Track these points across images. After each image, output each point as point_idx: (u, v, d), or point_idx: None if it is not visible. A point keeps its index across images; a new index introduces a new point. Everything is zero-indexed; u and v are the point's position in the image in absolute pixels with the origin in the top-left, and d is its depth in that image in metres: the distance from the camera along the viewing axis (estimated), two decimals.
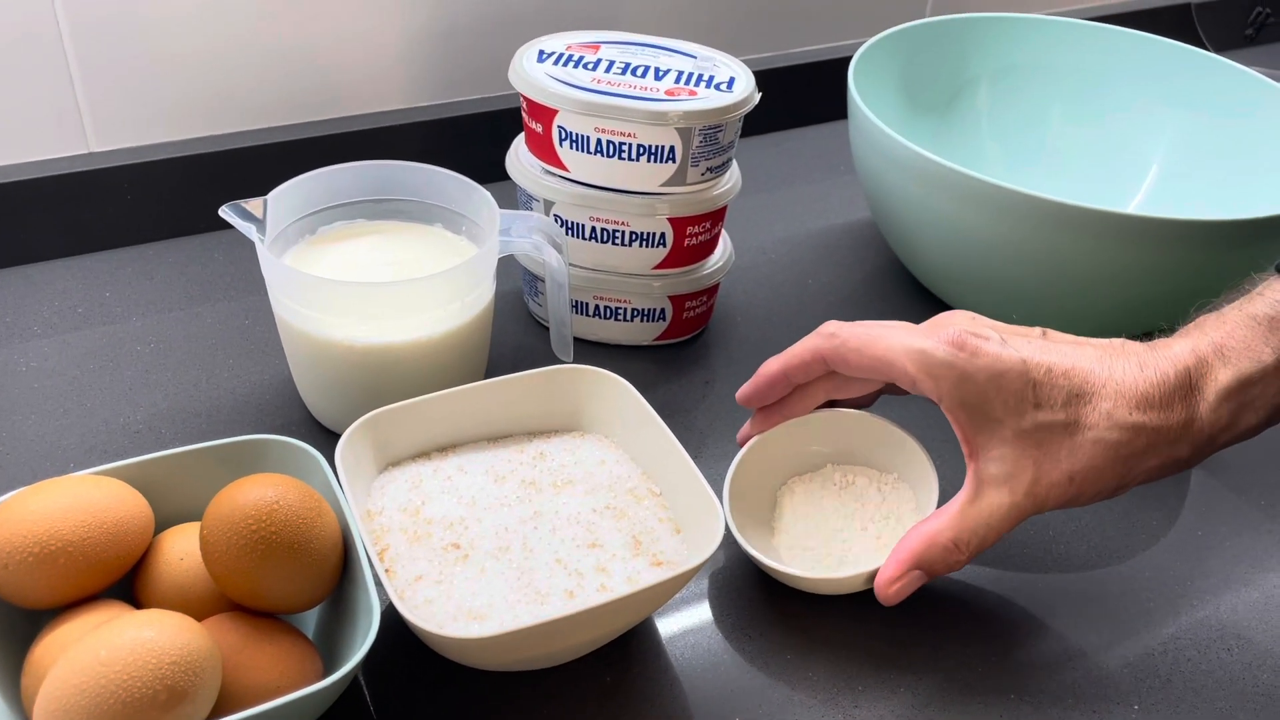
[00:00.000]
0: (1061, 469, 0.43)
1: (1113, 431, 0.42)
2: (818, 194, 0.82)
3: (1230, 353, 0.43)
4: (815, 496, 0.52)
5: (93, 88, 0.66)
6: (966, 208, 0.60)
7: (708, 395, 0.62)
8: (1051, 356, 0.43)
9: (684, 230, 0.59)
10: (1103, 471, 0.42)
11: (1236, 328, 0.43)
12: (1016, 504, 0.43)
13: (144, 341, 0.62)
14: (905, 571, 0.45)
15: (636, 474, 0.50)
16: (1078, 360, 0.43)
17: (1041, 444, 0.43)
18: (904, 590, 0.45)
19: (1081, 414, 0.42)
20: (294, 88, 0.72)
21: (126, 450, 0.54)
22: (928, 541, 0.45)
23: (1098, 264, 0.59)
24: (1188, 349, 0.43)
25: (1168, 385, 0.42)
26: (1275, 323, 0.42)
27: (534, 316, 0.66)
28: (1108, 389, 0.42)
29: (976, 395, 0.43)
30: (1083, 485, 0.43)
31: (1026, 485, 0.43)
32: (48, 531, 0.40)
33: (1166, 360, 0.43)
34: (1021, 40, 0.78)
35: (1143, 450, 0.42)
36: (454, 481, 0.48)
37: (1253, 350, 0.42)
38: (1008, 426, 0.43)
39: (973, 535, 0.44)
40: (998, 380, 0.43)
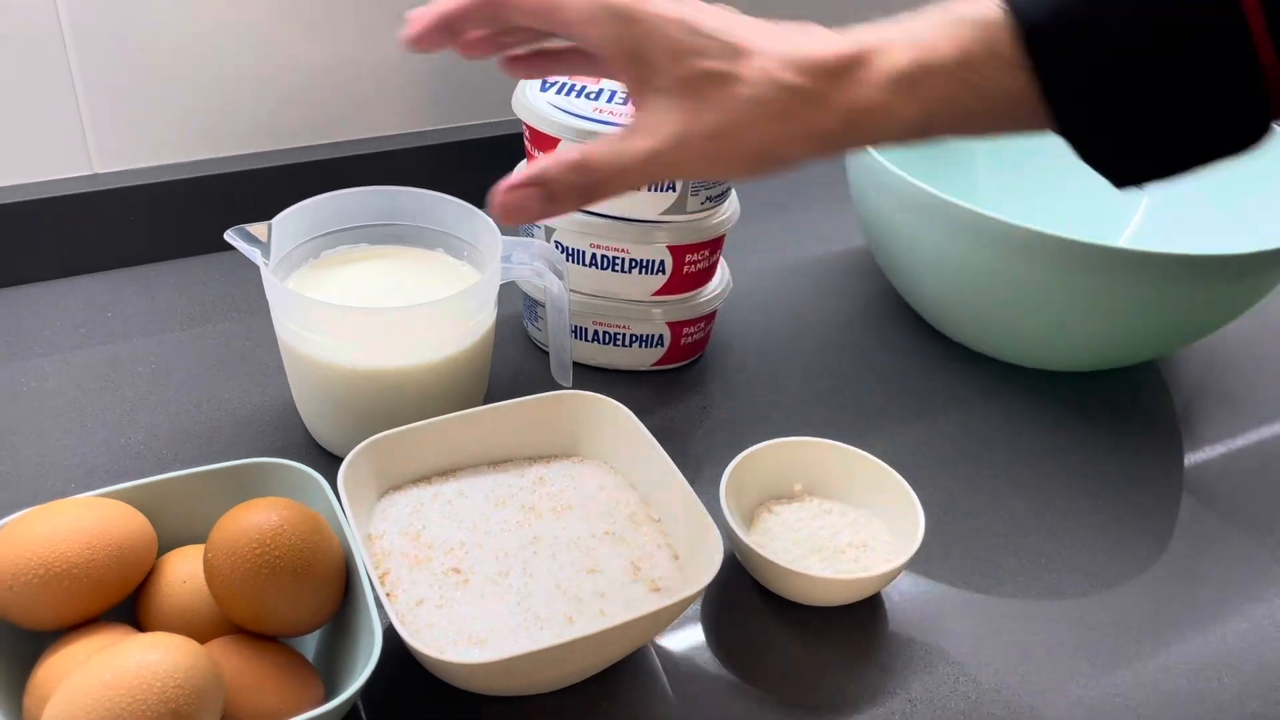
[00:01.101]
0: (708, 121, 0.41)
1: (765, 88, 0.41)
2: (814, 221, 0.83)
3: (914, 42, 0.41)
4: (793, 519, 0.53)
5: (97, 109, 0.67)
6: (960, 239, 0.61)
7: (704, 421, 0.62)
8: (724, 19, 0.42)
9: (683, 258, 0.60)
10: (749, 129, 0.41)
11: (932, 21, 0.41)
12: (657, 150, 0.41)
13: (145, 362, 0.62)
14: (526, 181, 0.41)
15: (635, 500, 0.50)
16: (751, 25, 0.42)
17: (697, 93, 0.41)
18: (515, 199, 0.41)
19: (739, 68, 0.41)
20: (297, 111, 0.73)
21: (127, 471, 0.55)
22: (555, 153, 0.42)
23: (1089, 295, 0.60)
24: (873, 32, 0.42)
25: (837, 57, 0.41)
26: (970, 24, 0.41)
27: (534, 341, 0.66)
28: (774, 50, 0.41)
29: (638, 40, 0.41)
30: (728, 143, 0.41)
31: (672, 133, 0.41)
32: (53, 553, 0.40)
33: (846, 38, 0.42)
34: None
35: (789, 113, 0.41)
36: (454, 506, 0.49)
37: (937, 44, 0.41)
38: (669, 74, 0.41)
39: (603, 162, 0.41)
40: (661, 25, 0.41)
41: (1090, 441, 0.63)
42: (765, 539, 0.52)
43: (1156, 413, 0.67)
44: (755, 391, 0.65)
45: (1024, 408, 0.65)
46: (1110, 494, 0.59)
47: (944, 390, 0.66)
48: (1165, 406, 0.67)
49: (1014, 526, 0.56)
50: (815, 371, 0.67)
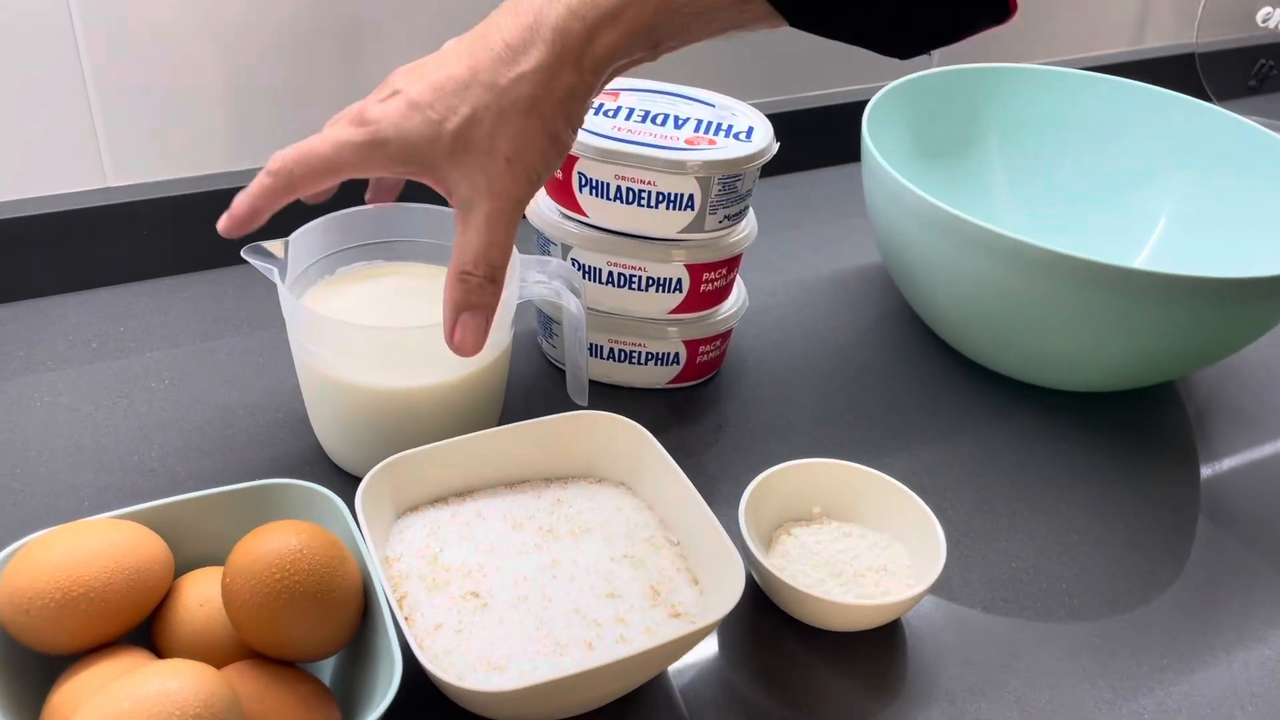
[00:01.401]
0: (496, 158, 0.43)
1: (500, 97, 0.42)
2: (829, 236, 0.83)
3: None
4: (812, 542, 0.53)
5: (112, 122, 0.66)
6: (976, 256, 0.61)
7: (720, 439, 0.62)
8: (429, 78, 0.44)
9: (700, 276, 0.60)
10: (522, 133, 0.43)
11: None
12: (493, 209, 0.44)
13: (158, 377, 0.62)
14: (452, 317, 0.45)
15: (654, 522, 0.50)
16: (448, 62, 0.44)
17: (469, 149, 0.43)
18: (466, 333, 0.45)
19: (473, 103, 0.43)
20: (313, 123, 0.72)
21: (141, 489, 0.54)
22: (448, 284, 0.45)
23: (1104, 316, 0.59)
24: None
25: (527, 30, 0.42)
26: None
27: (548, 357, 0.66)
28: (480, 67, 0.43)
29: (402, 152, 0.44)
30: (521, 155, 0.43)
31: (484, 188, 0.43)
32: (70, 577, 0.40)
33: (535, 4, 0.43)
34: (1032, 92, 0.79)
35: (535, 94, 0.42)
36: (472, 528, 0.48)
37: None
38: (438, 155, 0.44)
39: (475, 255, 0.44)
40: (401, 128, 0.44)
41: (1107, 462, 0.63)
42: (784, 562, 0.51)
43: (1172, 432, 0.66)
44: (771, 409, 0.64)
45: (1041, 427, 0.65)
46: (1129, 515, 0.59)
47: (961, 409, 0.66)
48: (1181, 425, 0.67)
49: (1034, 550, 0.56)
50: (831, 390, 0.66)
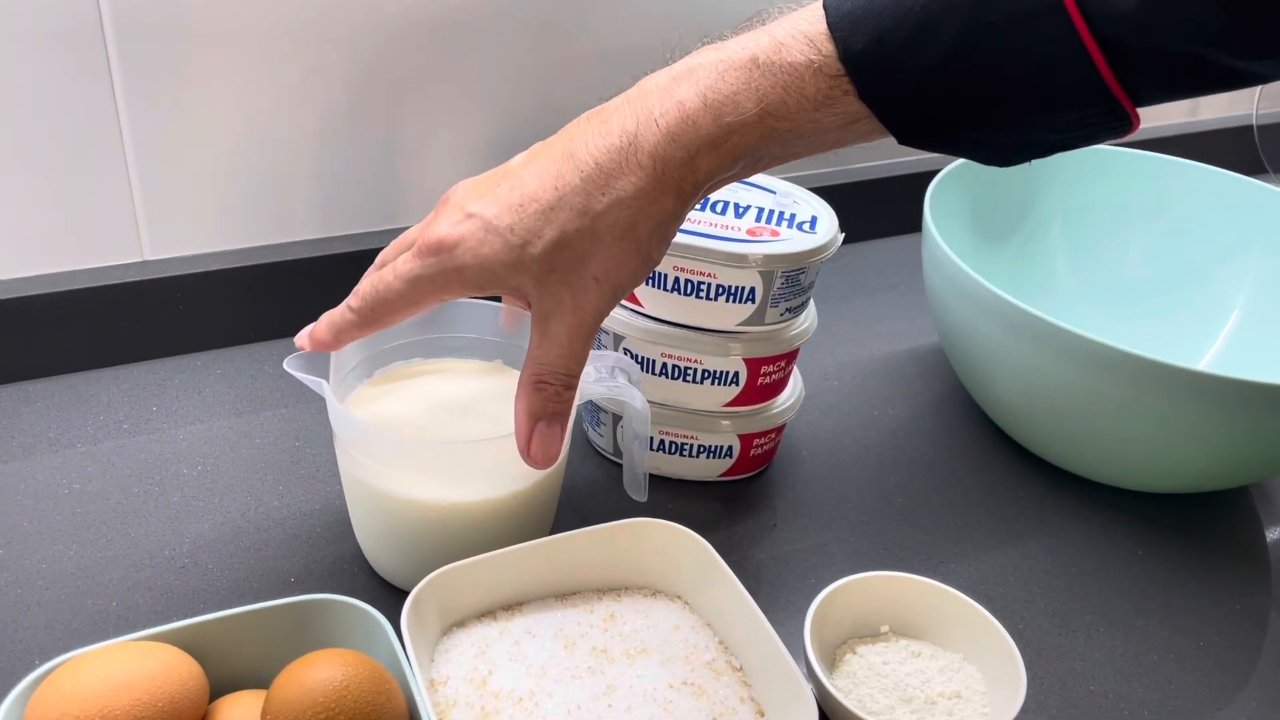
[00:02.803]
0: (584, 278, 0.42)
1: (594, 222, 0.41)
2: (881, 313, 0.80)
3: (707, 102, 0.40)
4: (879, 663, 0.49)
5: (151, 196, 0.65)
6: (1039, 350, 0.58)
7: (773, 536, 0.59)
8: (504, 199, 0.43)
9: (758, 369, 0.57)
10: (615, 256, 0.42)
11: (727, 71, 0.41)
12: (574, 323, 0.43)
13: (190, 463, 0.59)
14: (528, 426, 0.44)
15: (714, 644, 0.47)
16: (525, 180, 0.43)
17: (554, 270, 0.42)
18: (543, 443, 0.45)
19: (561, 226, 0.41)
20: (350, 199, 0.71)
21: (171, 588, 0.52)
22: (523, 392, 0.45)
23: (1171, 418, 0.57)
24: (658, 99, 0.41)
25: (620, 152, 0.41)
26: (768, 68, 0.40)
27: (594, 446, 0.63)
28: (567, 188, 0.41)
29: (480, 278, 0.43)
30: (612, 276, 0.42)
31: (569, 304, 0.43)
32: (100, 709, 0.37)
33: (629, 127, 0.41)
34: (1095, 173, 0.76)
35: (633, 219, 0.41)
36: (522, 647, 0.46)
37: (737, 99, 0.40)
38: (521, 278, 0.42)
39: (553, 366, 0.44)
40: (479, 254, 0.42)
41: (1185, 569, 0.59)
42: (850, 684, 0.48)
43: (1250, 537, 0.63)
44: (826, 506, 0.61)
45: (1111, 530, 0.62)
46: (1211, 633, 0.56)
47: (1026, 508, 0.63)
48: (1255, 529, 0.64)
49: (1113, 671, 0.53)
50: (889, 485, 0.63)
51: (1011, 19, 0.37)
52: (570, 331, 0.43)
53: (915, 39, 0.38)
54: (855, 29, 0.38)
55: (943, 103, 0.39)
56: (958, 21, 0.37)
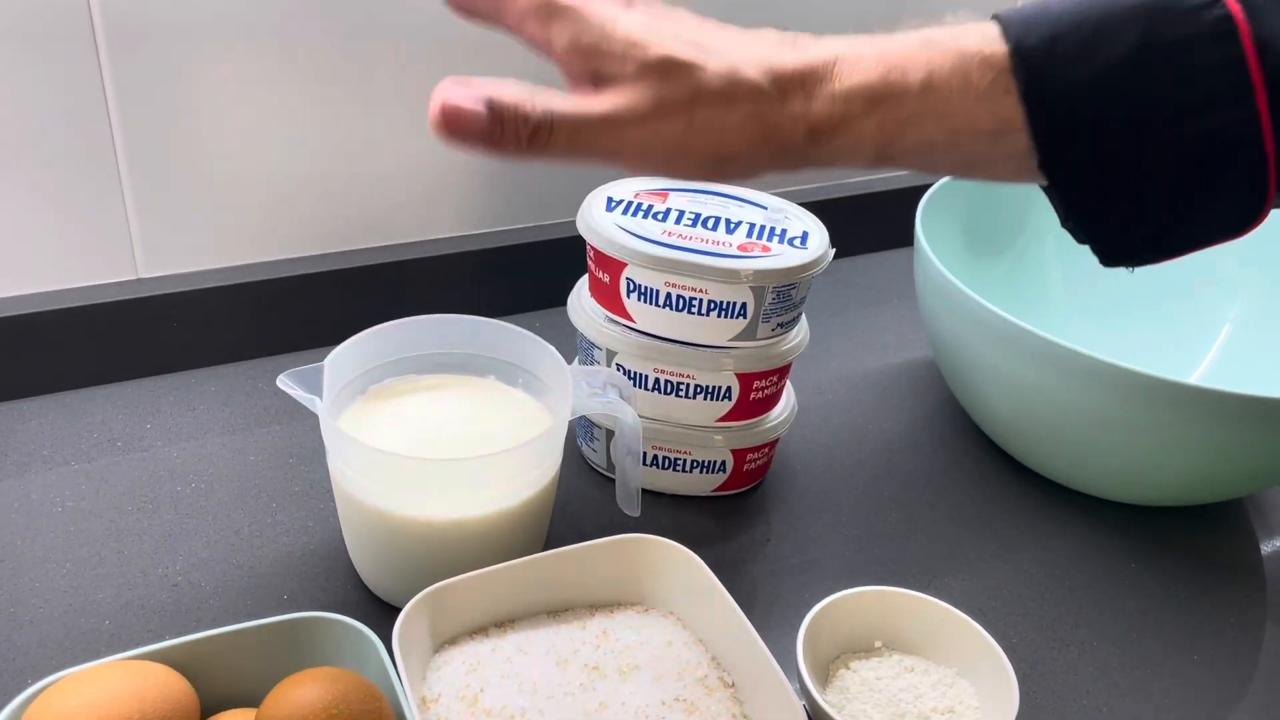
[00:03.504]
0: (668, 106, 0.38)
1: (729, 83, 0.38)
2: (873, 326, 0.80)
3: (882, 59, 0.39)
4: (872, 678, 0.49)
5: (145, 214, 0.65)
6: (1031, 365, 0.58)
7: (767, 552, 0.59)
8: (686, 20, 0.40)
9: (750, 384, 0.57)
10: (709, 121, 0.39)
11: (910, 41, 0.40)
12: (615, 118, 0.38)
13: (184, 480, 0.59)
14: (478, 98, 0.37)
15: (706, 660, 0.47)
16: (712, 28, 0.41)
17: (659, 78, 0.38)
18: (458, 113, 0.37)
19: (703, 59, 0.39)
20: (347, 215, 0.71)
21: (164, 606, 0.52)
22: (511, 87, 0.38)
23: (1162, 432, 0.57)
24: (845, 44, 0.40)
25: (800, 65, 0.39)
26: (950, 51, 0.39)
27: (588, 461, 0.63)
28: (737, 49, 0.39)
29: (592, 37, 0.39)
30: (687, 133, 0.39)
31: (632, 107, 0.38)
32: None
33: (816, 47, 0.40)
34: None
35: (752, 113, 0.39)
36: (514, 664, 0.46)
37: (906, 65, 0.39)
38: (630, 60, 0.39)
39: (556, 108, 0.38)
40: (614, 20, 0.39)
41: (1177, 582, 0.59)
42: (843, 699, 0.48)
43: (1243, 552, 0.63)
44: (820, 520, 0.61)
45: (1104, 543, 0.62)
46: (1204, 646, 0.56)
47: (1019, 523, 0.63)
48: (1251, 543, 0.64)
49: (1106, 685, 0.53)
50: (882, 499, 0.64)
51: (1184, 41, 0.37)
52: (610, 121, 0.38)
53: (1087, 44, 0.37)
54: (1029, 29, 0.38)
55: (1098, 119, 0.38)
56: (1133, 36, 0.37)
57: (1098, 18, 0.38)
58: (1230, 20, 0.36)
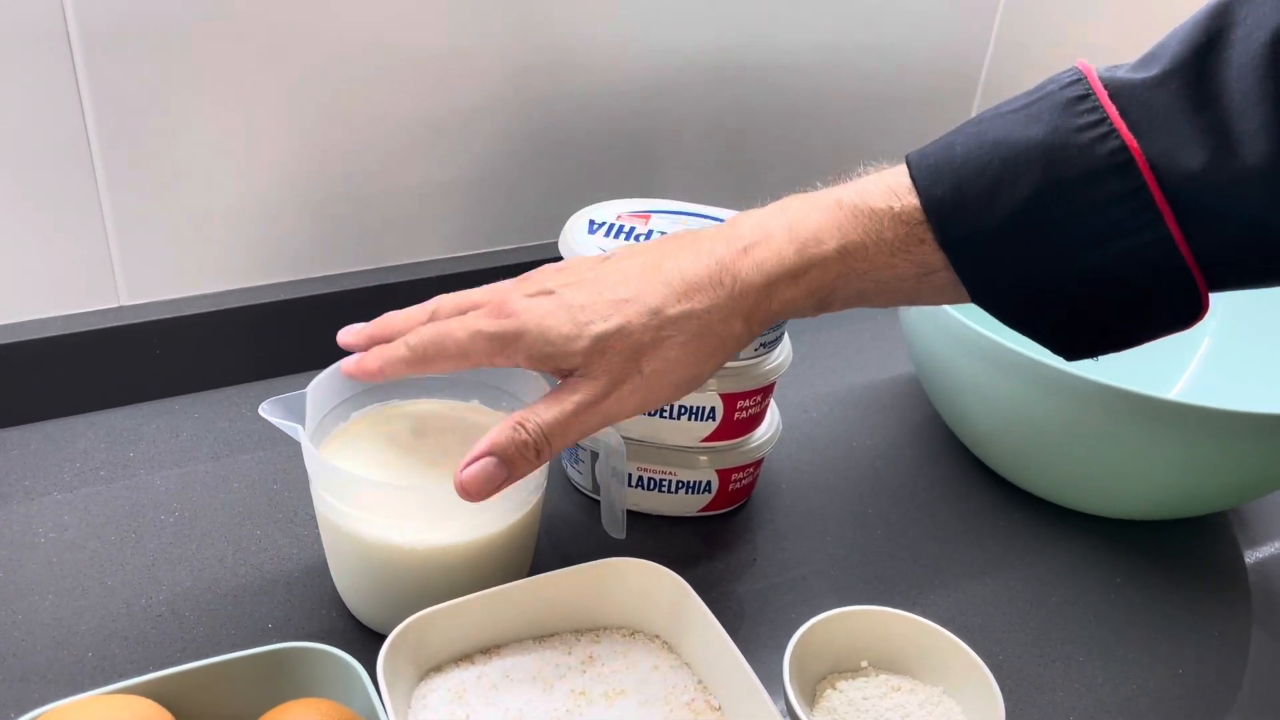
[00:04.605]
0: (631, 369, 0.43)
1: (661, 324, 0.42)
2: (857, 344, 0.81)
3: (793, 235, 0.42)
4: (859, 698, 0.49)
5: (127, 241, 0.65)
6: (1012, 381, 0.59)
7: (753, 571, 0.59)
8: (586, 289, 0.44)
9: (734, 404, 0.57)
10: (670, 360, 0.43)
11: (815, 210, 0.43)
12: (588, 401, 0.43)
13: (168, 509, 0.59)
14: (481, 452, 0.43)
15: (693, 684, 0.47)
16: (611, 284, 0.44)
17: (606, 352, 0.43)
18: (480, 477, 0.43)
19: (629, 317, 0.43)
20: (326, 239, 0.71)
21: (147, 637, 0.51)
22: (501, 426, 0.44)
23: (1140, 446, 0.57)
24: (757, 227, 0.44)
25: (711, 271, 0.43)
26: (851, 209, 0.42)
27: (573, 483, 0.63)
28: (646, 293, 0.43)
29: (536, 346, 0.44)
30: (659, 377, 0.43)
31: (604, 386, 0.43)
32: None
33: (727, 243, 0.43)
34: None
35: (699, 332, 0.43)
36: (499, 691, 0.45)
37: (820, 235, 0.42)
38: (573, 352, 0.44)
39: (547, 426, 0.43)
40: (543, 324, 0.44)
41: (1162, 596, 0.60)
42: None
43: (1227, 563, 0.63)
44: (806, 539, 0.61)
45: (1090, 559, 0.62)
46: (1189, 659, 0.56)
47: (1004, 539, 0.63)
48: (1235, 555, 0.64)
49: (1092, 701, 0.53)
50: (868, 516, 0.64)
51: (1084, 176, 0.38)
52: (583, 408, 0.43)
53: (991, 190, 0.39)
54: (936, 179, 0.40)
55: (1016, 257, 0.40)
56: (1034, 177, 0.39)
57: (1000, 161, 0.39)
58: (1125, 150, 0.38)
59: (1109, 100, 0.38)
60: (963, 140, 0.41)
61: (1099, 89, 0.39)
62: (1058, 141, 0.38)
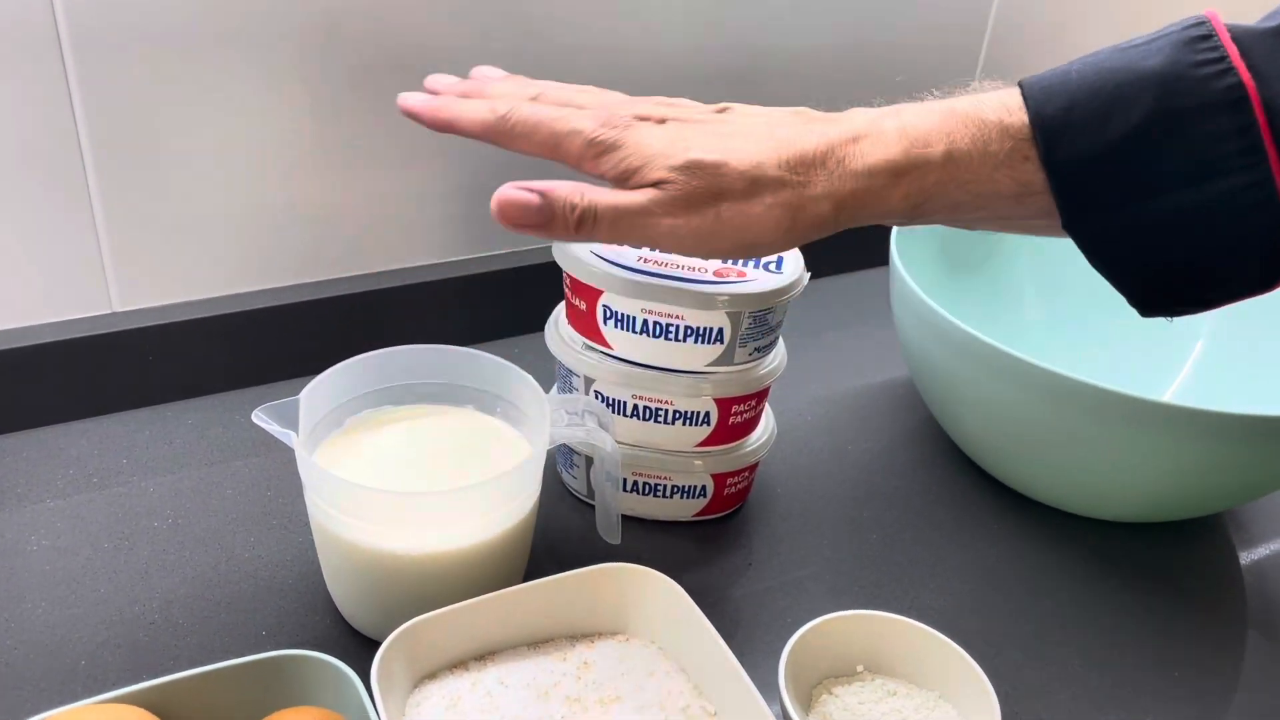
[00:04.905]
0: (698, 203, 0.43)
1: (752, 182, 0.43)
2: (851, 346, 0.80)
3: (904, 131, 0.43)
4: (855, 703, 0.49)
5: (119, 247, 0.64)
6: (1007, 384, 0.58)
7: (748, 576, 0.59)
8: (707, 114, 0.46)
9: (729, 409, 0.57)
10: (736, 216, 0.43)
11: (932, 113, 0.43)
12: (649, 209, 0.43)
13: (161, 516, 0.59)
14: (532, 188, 0.44)
15: (688, 689, 0.47)
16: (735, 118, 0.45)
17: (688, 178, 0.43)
18: (516, 200, 0.44)
19: (728, 160, 0.43)
20: (320, 245, 0.71)
21: (140, 644, 0.51)
22: (564, 182, 0.44)
23: (1135, 448, 0.57)
24: (868, 120, 0.44)
25: (819, 148, 0.43)
26: (963, 117, 0.42)
27: (568, 489, 0.63)
28: (759, 144, 0.43)
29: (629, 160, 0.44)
30: (716, 225, 0.43)
31: (664, 201, 0.43)
32: None
33: (838, 125, 0.44)
34: None
35: (777, 202, 0.43)
36: (494, 698, 0.45)
37: (928, 137, 0.42)
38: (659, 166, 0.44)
39: (600, 198, 0.43)
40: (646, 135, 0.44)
41: (1159, 600, 0.60)
42: None
43: (1223, 565, 0.63)
44: (801, 543, 0.61)
45: (1084, 561, 0.62)
46: (1187, 663, 0.56)
47: (1000, 542, 0.63)
48: (1231, 557, 0.64)
49: (1089, 704, 0.53)
50: (864, 520, 0.64)
51: (1197, 109, 0.38)
52: (642, 212, 0.43)
53: (1103, 114, 0.39)
54: (1049, 98, 0.40)
55: (1115, 183, 0.40)
56: (1146, 105, 0.38)
57: (1113, 86, 0.39)
58: (1241, 88, 0.37)
59: (1230, 41, 0.38)
60: (1079, 67, 0.41)
61: (1221, 30, 0.39)
62: (1174, 73, 0.38)
